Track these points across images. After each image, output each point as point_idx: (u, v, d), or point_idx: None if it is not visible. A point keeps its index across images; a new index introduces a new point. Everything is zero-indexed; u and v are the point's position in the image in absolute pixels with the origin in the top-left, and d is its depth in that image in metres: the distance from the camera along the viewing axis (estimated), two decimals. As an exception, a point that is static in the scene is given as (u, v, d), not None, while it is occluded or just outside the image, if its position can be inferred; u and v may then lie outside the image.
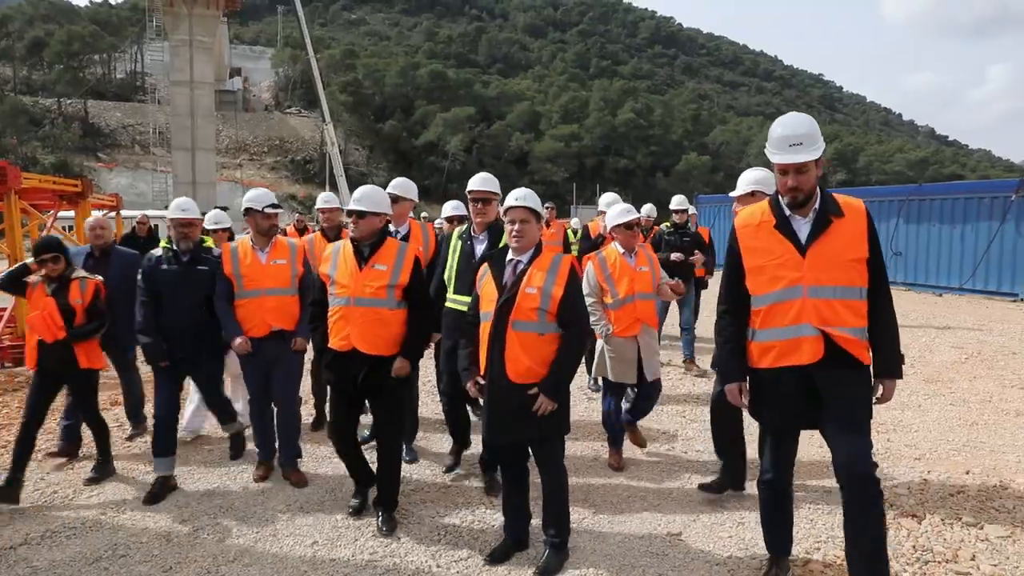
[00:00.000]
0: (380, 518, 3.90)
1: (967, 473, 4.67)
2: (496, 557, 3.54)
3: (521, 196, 3.49)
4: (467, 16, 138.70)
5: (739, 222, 3.13)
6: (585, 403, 6.41)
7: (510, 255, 3.51)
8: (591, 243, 6.78)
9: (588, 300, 4.40)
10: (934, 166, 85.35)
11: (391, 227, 4.59)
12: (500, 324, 3.38)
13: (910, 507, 4.14)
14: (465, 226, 4.58)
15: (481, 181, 4.44)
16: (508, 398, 3.38)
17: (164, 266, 4.49)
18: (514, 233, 3.45)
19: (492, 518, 4.03)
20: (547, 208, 8.61)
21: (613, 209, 4.87)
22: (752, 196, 4.10)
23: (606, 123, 77.33)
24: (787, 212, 2.94)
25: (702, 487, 4.30)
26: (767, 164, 3.25)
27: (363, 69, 74.85)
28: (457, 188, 60.03)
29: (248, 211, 4.63)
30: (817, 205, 2.91)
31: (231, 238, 6.15)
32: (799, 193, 2.87)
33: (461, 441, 4.80)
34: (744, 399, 3.13)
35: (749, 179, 4.23)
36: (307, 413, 5.78)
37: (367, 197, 3.90)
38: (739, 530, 3.87)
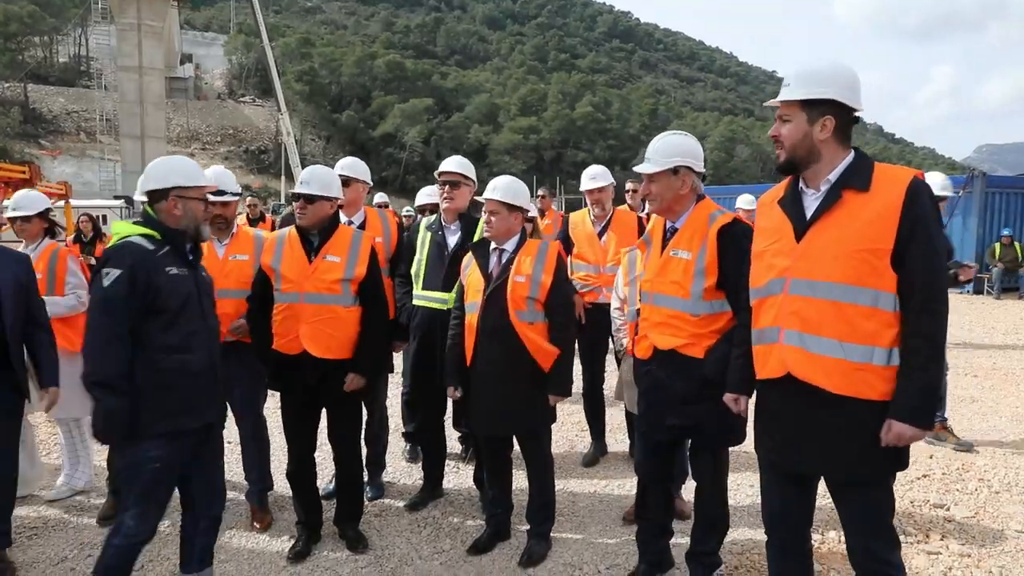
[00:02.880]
0: (349, 536, 3.56)
1: (931, 458, 4.82)
2: (479, 547, 3.50)
3: (491, 188, 3.39)
4: (425, 6, 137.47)
5: (761, 198, 2.57)
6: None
7: (493, 244, 3.43)
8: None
9: (613, 308, 4.00)
10: (882, 163, 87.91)
11: (343, 216, 3.85)
12: (488, 314, 3.30)
13: (879, 491, 4.25)
14: (434, 216, 4.13)
15: (456, 164, 4.02)
16: (497, 391, 3.30)
17: (172, 269, 2.77)
18: (485, 223, 3.43)
19: (475, 511, 4.00)
20: (540, 196, 8.15)
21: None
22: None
23: (564, 116, 77.67)
24: (800, 184, 2.32)
25: None
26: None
27: (319, 58, 73.58)
28: (415, 180, 59.90)
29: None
30: (834, 175, 2.22)
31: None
32: (780, 148, 2.28)
33: (433, 474, 4.16)
34: (744, 411, 2.63)
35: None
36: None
37: (316, 178, 3.39)
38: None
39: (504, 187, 3.38)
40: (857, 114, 2.24)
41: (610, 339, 4.36)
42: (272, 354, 3.44)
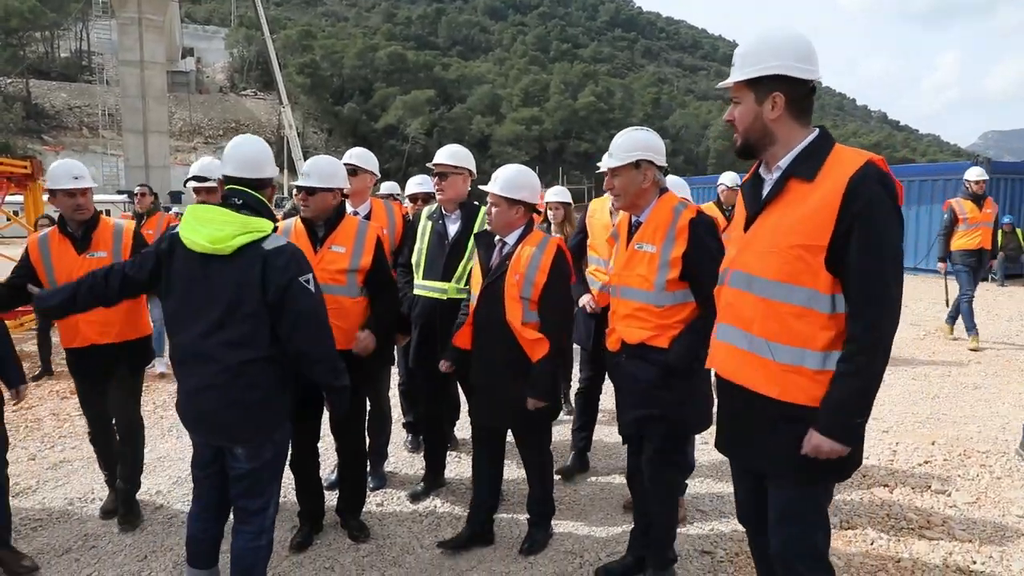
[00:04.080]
0: (351, 525, 3.59)
1: (932, 444, 4.82)
2: (452, 545, 3.40)
3: (493, 179, 3.32)
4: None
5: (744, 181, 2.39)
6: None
7: (496, 236, 3.36)
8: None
9: None
10: (886, 150, 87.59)
11: (348, 207, 3.91)
12: (485, 307, 3.26)
13: (881, 477, 4.25)
14: (435, 205, 4.08)
15: (446, 155, 3.94)
16: (496, 383, 3.27)
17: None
18: (488, 216, 3.34)
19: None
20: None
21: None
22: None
23: (567, 106, 77.33)
24: (761, 168, 2.18)
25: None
26: (729, 147, 3.11)
27: (321, 50, 73.31)
28: (418, 171, 59.01)
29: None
30: (785, 161, 2.05)
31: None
32: (736, 132, 2.14)
33: (434, 464, 4.17)
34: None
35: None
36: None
37: (317, 170, 3.36)
38: (719, 503, 3.92)
39: (504, 179, 3.27)
40: (812, 84, 2.05)
41: None
42: None
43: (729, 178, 6.98)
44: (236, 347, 2.56)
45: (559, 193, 5.72)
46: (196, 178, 4.14)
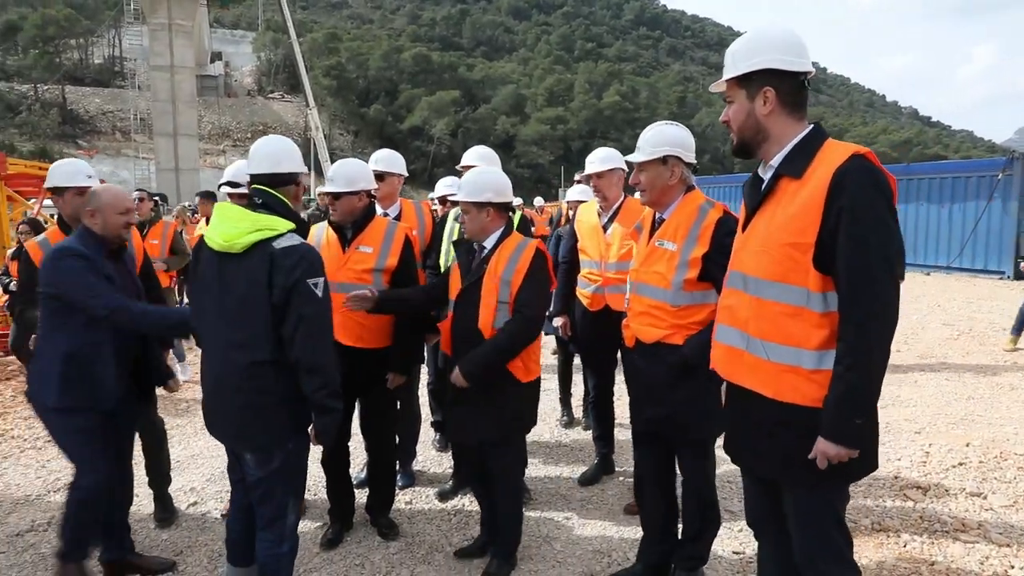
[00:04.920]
0: (380, 523, 3.63)
1: (967, 445, 4.72)
2: (466, 553, 3.36)
3: (458, 186, 3.20)
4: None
5: None
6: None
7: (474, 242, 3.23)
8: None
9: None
10: (917, 147, 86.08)
11: (378, 209, 3.94)
12: (462, 314, 3.10)
13: (914, 479, 4.19)
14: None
15: (477, 156, 4.00)
16: (468, 396, 3.08)
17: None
18: (461, 222, 3.22)
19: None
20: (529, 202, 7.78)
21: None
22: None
23: (591, 106, 77.12)
24: (761, 167, 2.15)
25: None
26: None
27: (346, 53, 73.99)
28: (443, 172, 59.46)
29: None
30: (776, 159, 2.04)
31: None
32: (732, 132, 2.13)
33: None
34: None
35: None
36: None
37: (340, 176, 3.38)
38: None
39: (467, 184, 3.16)
40: (804, 77, 2.02)
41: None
42: None
43: None
44: (246, 348, 2.49)
45: (580, 192, 5.61)
46: (230, 183, 4.11)
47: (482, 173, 3.22)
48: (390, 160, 4.21)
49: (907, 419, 5.37)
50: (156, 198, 6.81)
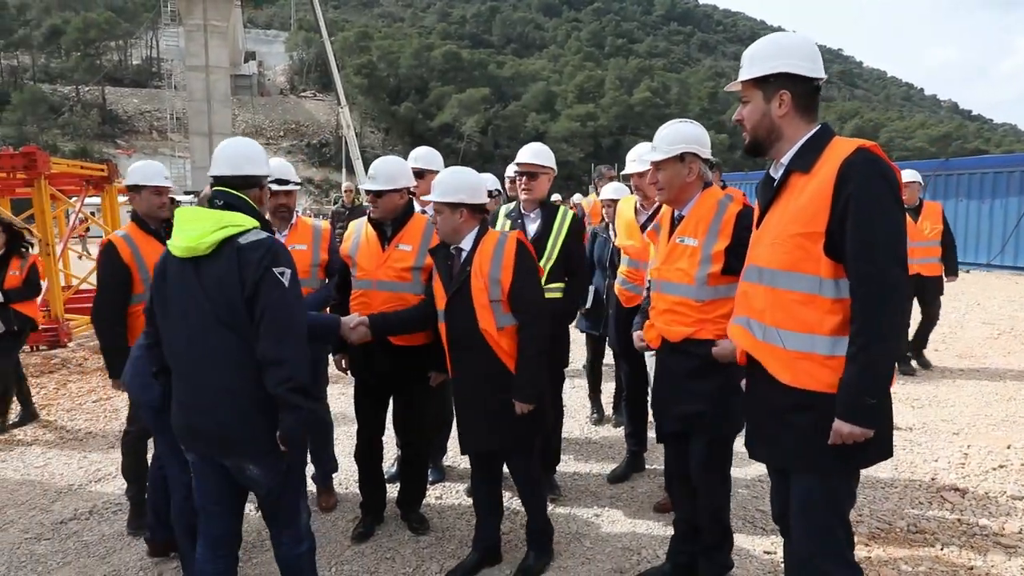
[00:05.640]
0: (410, 517, 3.67)
1: (1008, 448, 4.61)
2: (461, 571, 3.23)
3: (432, 188, 3.12)
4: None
5: None
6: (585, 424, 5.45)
7: (451, 246, 3.15)
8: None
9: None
10: (957, 141, 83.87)
11: (417, 206, 3.89)
12: (456, 320, 3.05)
13: (951, 482, 4.10)
14: (513, 204, 4.11)
15: (532, 153, 3.96)
16: (475, 403, 3.08)
17: None
18: (434, 223, 3.16)
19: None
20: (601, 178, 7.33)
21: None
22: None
23: (622, 102, 76.63)
24: (772, 166, 2.25)
25: None
26: None
27: (377, 51, 74.56)
28: (475, 169, 59.69)
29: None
30: (786, 157, 2.14)
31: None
32: (744, 131, 2.24)
33: None
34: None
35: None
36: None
37: (381, 174, 3.38)
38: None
39: (440, 184, 3.10)
40: (817, 83, 2.14)
41: None
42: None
43: (910, 175, 6.42)
44: (228, 352, 2.39)
45: (615, 191, 5.54)
46: (278, 181, 3.90)
47: (455, 172, 3.19)
48: (429, 158, 4.23)
49: (945, 420, 5.26)
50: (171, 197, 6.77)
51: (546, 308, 3.17)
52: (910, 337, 6.53)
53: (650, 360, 3.60)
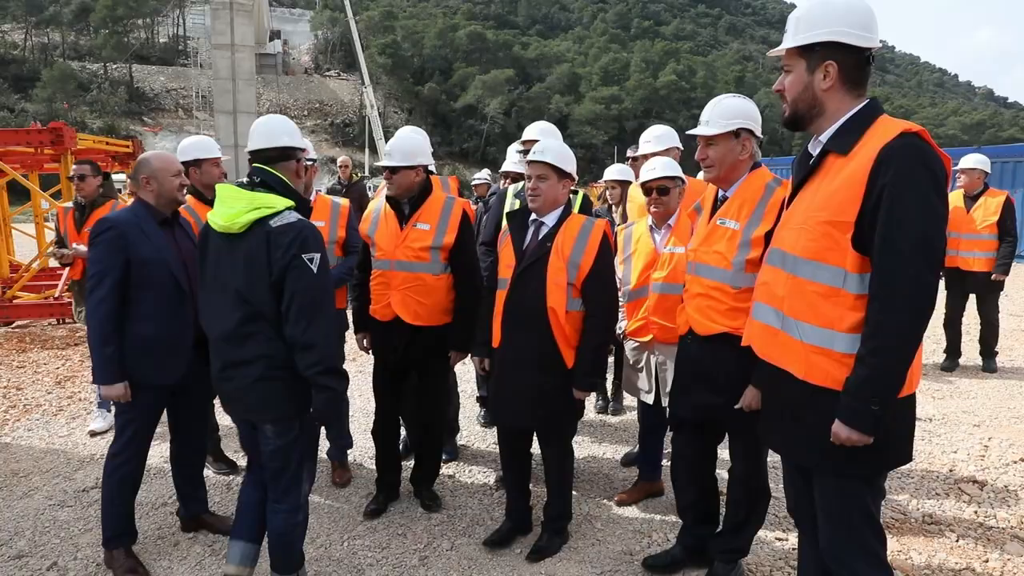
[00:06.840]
0: (423, 495, 3.70)
1: (1032, 442, 4.54)
2: (494, 542, 3.27)
3: (539, 150, 3.03)
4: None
5: None
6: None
7: (532, 215, 3.12)
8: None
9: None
10: (991, 129, 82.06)
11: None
12: (517, 295, 3.01)
13: (970, 474, 4.05)
14: (522, 183, 3.95)
15: (539, 131, 3.91)
16: (520, 379, 3.03)
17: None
18: (530, 190, 3.05)
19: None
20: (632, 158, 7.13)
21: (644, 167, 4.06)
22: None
23: (647, 85, 75.90)
24: (811, 143, 2.07)
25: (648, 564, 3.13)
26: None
27: (402, 31, 74.50)
28: (496, 152, 60.32)
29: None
30: (825, 135, 1.96)
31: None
32: (784, 102, 2.04)
33: None
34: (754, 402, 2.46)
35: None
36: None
37: (397, 150, 3.33)
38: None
39: (556, 150, 3.03)
40: (869, 53, 1.91)
41: None
42: (369, 318, 3.54)
43: (976, 160, 6.18)
44: (255, 328, 2.48)
45: (618, 171, 5.34)
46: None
47: (563, 144, 3.17)
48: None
49: (965, 411, 5.18)
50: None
51: (616, 302, 3.14)
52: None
53: (631, 353, 3.58)
